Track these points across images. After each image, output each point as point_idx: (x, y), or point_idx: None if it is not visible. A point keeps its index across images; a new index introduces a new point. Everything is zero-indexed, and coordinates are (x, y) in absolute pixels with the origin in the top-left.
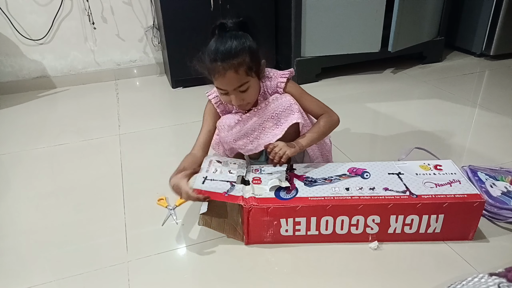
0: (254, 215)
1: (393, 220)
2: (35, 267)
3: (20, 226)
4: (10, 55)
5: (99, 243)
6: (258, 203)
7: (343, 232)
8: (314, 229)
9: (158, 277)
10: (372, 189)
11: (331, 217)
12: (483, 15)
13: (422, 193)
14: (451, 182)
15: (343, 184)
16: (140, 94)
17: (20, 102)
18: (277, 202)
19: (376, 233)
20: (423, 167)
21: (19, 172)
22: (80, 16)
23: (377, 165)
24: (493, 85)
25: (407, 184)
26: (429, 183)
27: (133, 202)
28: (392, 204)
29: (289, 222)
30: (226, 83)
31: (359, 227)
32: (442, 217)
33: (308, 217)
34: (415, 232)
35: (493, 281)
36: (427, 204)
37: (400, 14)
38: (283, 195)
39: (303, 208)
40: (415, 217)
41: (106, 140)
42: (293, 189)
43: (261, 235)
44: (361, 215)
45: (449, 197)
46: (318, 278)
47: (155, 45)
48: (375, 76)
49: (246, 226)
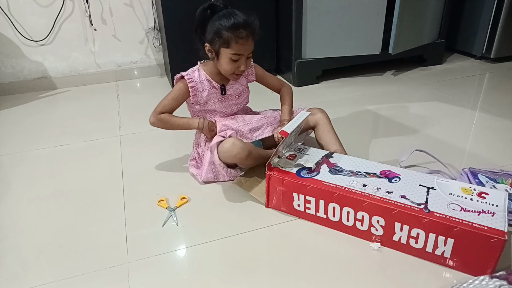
0: (273, 183)
1: (398, 227)
2: (35, 268)
3: (20, 227)
4: (11, 56)
5: (99, 244)
6: (278, 173)
7: (349, 224)
8: (323, 212)
9: (158, 278)
10: (389, 193)
11: (337, 205)
12: (484, 17)
13: (437, 211)
14: (482, 212)
15: (365, 181)
16: (141, 95)
17: (21, 103)
18: (293, 177)
19: (381, 236)
20: (464, 190)
21: (19, 173)
22: (81, 17)
23: (414, 174)
24: (494, 87)
25: (430, 199)
26: (455, 205)
27: (134, 203)
28: (397, 211)
29: (301, 198)
30: (246, 48)
31: (364, 223)
32: (451, 242)
33: (317, 198)
34: (422, 249)
35: (494, 283)
36: (435, 222)
37: (401, 17)
38: (303, 174)
39: (313, 188)
40: (420, 232)
41: (106, 142)
42: (315, 172)
43: (278, 202)
44: (366, 212)
45: (465, 223)
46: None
47: (156, 47)
48: (375, 79)
49: (267, 191)
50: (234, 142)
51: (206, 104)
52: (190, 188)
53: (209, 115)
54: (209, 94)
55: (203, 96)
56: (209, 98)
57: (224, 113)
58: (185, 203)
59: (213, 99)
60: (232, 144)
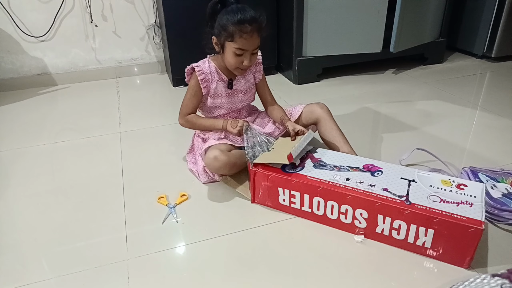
0: (258, 178)
1: (380, 219)
2: (34, 264)
3: (19, 223)
4: (11, 52)
5: (99, 241)
6: (263, 169)
7: (333, 217)
8: (307, 206)
9: (158, 275)
10: (371, 186)
11: (322, 199)
12: (485, 16)
13: (418, 203)
14: (461, 203)
15: (348, 175)
16: (141, 92)
17: (21, 99)
18: (278, 173)
19: (364, 228)
20: (444, 182)
21: (18, 169)
22: (82, 13)
23: (395, 168)
24: (494, 86)
25: (411, 191)
26: (435, 196)
27: (133, 200)
28: (379, 203)
29: (286, 192)
30: (250, 43)
31: (347, 216)
32: (431, 232)
33: (302, 192)
34: (404, 240)
35: (496, 282)
36: (416, 214)
37: (402, 15)
38: (288, 169)
39: (297, 183)
40: (402, 223)
41: (106, 138)
42: (300, 167)
43: (264, 197)
44: (349, 205)
45: (444, 214)
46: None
47: (156, 43)
48: (376, 77)
49: (252, 187)
50: (216, 157)
51: (214, 96)
52: (190, 185)
53: (217, 112)
54: (217, 87)
55: (212, 87)
56: (217, 91)
57: (229, 109)
58: (185, 200)
59: (220, 92)
60: (213, 159)
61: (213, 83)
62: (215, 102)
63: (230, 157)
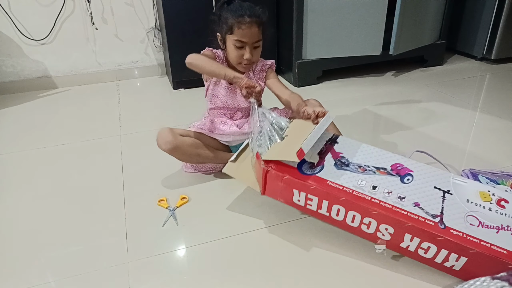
0: (270, 177)
1: (407, 238)
2: (34, 267)
3: (20, 226)
4: (12, 55)
5: (99, 244)
6: (276, 167)
7: (354, 225)
8: (325, 210)
9: (159, 278)
10: (401, 199)
11: (342, 208)
12: (485, 19)
13: (454, 227)
14: (501, 228)
15: (375, 180)
16: (141, 95)
17: (21, 102)
18: (294, 174)
19: (387, 240)
20: (483, 195)
21: (19, 172)
22: (82, 17)
23: (427, 171)
24: (494, 88)
25: (446, 208)
26: (473, 218)
27: (134, 203)
28: (410, 225)
29: (302, 195)
30: (249, 35)
31: (370, 227)
32: (464, 260)
33: (321, 199)
34: (430, 259)
35: (495, 284)
36: (451, 242)
37: (402, 18)
38: (305, 169)
39: (317, 189)
40: (432, 246)
41: (107, 141)
42: (319, 166)
43: (276, 193)
44: (374, 219)
45: (483, 245)
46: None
47: (156, 46)
48: (376, 79)
49: (263, 182)
50: (160, 133)
51: (216, 83)
52: (190, 188)
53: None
54: None
55: None
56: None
57: (226, 103)
58: (185, 203)
59: (221, 82)
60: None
61: None
62: (214, 89)
63: (178, 139)
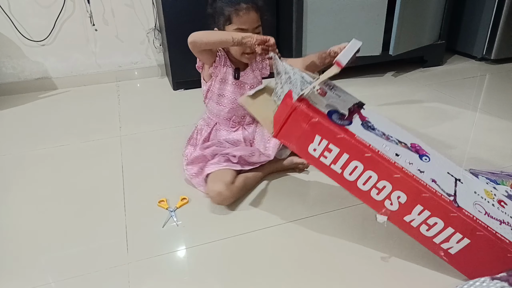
0: (295, 116)
1: (417, 210)
2: (35, 268)
3: (20, 227)
4: (12, 57)
5: (100, 244)
6: (307, 107)
7: (364, 188)
8: (340, 166)
9: (159, 279)
10: (421, 172)
11: (361, 165)
12: (484, 19)
13: (465, 208)
14: (503, 222)
15: (397, 149)
16: (141, 96)
17: (21, 103)
18: (324, 119)
19: (392, 211)
20: (487, 193)
21: (19, 173)
22: (82, 18)
23: (442, 159)
24: (494, 89)
25: (458, 192)
26: (480, 207)
27: (134, 203)
28: (428, 195)
29: (322, 143)
30: (249, 21)
31: (381, 193)
32: (465, 243)
33: (342, 151)
34: (429, 238)
35: (495, 285)
36: (462, 220)
37: (401, 18)
38: (335, 118)
39: (343, 139)
40: (440, 222)
41: (107, 142)
42: (348, 121)
43: (291, 137)
44: (390, 183)
45: (490, 229)
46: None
47: (156, 47)
48: (376, 80)
49: (283, 122)
50: (220, 193)
51: (222, 81)
52: (190, 188)
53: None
54: (227, 72)
55: (222, 71)
56: (225, 76)
57: (233, 102)
58: (186, 203)
59: (228, 78)
60: (217, 195)
61: (223, 67)
62: (221, 88)
63: (235, 193)
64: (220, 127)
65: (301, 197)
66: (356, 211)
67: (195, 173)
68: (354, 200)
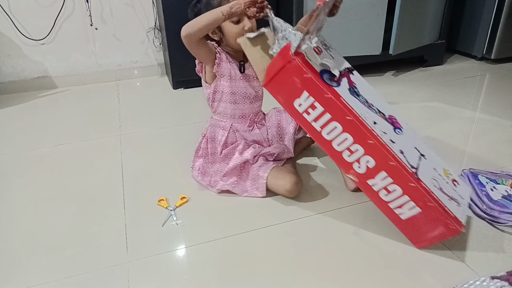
0: (289, 69)
1: (381, 176)
2: (34, 267)
3: (19, 226)
4: (12, 56)
5: (99, 243)
6: (302, 62)
7: (338, 149)
8: (320, 125)
9: (158, 278)
10: (392, 142)
11: (340, 127)
12: (484, 18)
13: (424, 181)
14: (452, 198)
15: (376, 118)
16: (141, 95)
17: (21, 102)
18: (316, 77)
19: (358, 174)
20: (444, 172)
21: (19, 172)
22: (82, 17)
23: (412, 133)
24: (494, 88)
25: (421, 166)
26: (436, 182)
27: (134, 203)
28: (394, 164)
29: (308, 100)
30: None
31: (352, 156)
32: (416, 212)
33: (326, 110)
34: (386, 202)
35: (495, 284)
36: (418, 190)
37: (402, 17)
38: (325, 78)
39: (329, 99)
40: (398, 190)
41: (107, 141)
42: (337, 83)
43: (280, 89)
44: (363, 148)
45: (440, 203)
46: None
47: (156, 46)
48: (376, 79)
49: (276, 72)
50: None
51: (231, 79)
52: (190, 188)
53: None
54: (232, 68)
55: (227, 68)
56: (232, 73)
57: (246, 96)
58: (185, 203)
59: (235, 74)
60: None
61: (227, 63)
62: (232, 86)
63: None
64: (237, 127)
65: (301, 196)
66: (355, 212)
67: (236, 181)
68: (353, 200)
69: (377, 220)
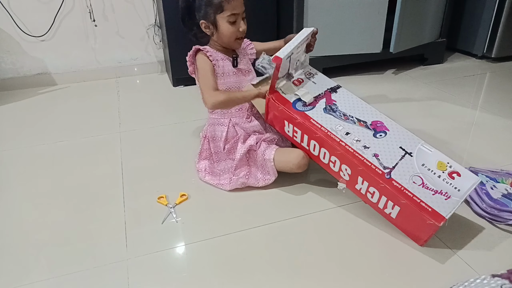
0: (271, 105)
1: (360, 180)
2: (33, 264)
3: (18, 223)
4: (11, 52)
5: (99, 241)
6: (276, 98)
7: (325, 161)
8: (306, 144)
9: (158, 275)
10: (365, 148)
11: (317, 144)
12: (485, 17)
13: (397, 180)
14: (439, 193)
15: (351, 128)
16: (141, 92)
17: (20, 98)
18: (288, 107)
19: (347, 181)
20: (440, 164)
21: (18, 169)
22: (82, 13)
23: (402, 134)
24: (494, 87)
25: (399, 165)
26: (418, 178)
27: (133, 200)
28: (362, 168)
29: (290, 126)
30: (239, 5)
31: (335, 166)
32: (398, 209)
33: (303, 133)
34: (375, 203)
35: (496, 282)
36: (387, 190)
37: (402, 16)
38: (298, 106)
39: (300, 123)
40: (376, 192)
41: (106, 138)
42: (311, 106)
43: (274, 122)
44: (338, 159)
45: (414, 199)
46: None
47: (156, 43)
48: (376, 77)
49: (266, 110)
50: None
51: (223, 75)
52: (190, 185)
53: None
54: (224, 65)
55: (220, 65)
56: (225, 70)
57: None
58: (185, 200)
59: (228, 71)
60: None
61: (220, 61)
62: (226, 82)
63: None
64: (236, 120)
65: (300, 195)
66: (353, 210)
67: (248, 172)
68: (353, 198)
69: (377, 219)
